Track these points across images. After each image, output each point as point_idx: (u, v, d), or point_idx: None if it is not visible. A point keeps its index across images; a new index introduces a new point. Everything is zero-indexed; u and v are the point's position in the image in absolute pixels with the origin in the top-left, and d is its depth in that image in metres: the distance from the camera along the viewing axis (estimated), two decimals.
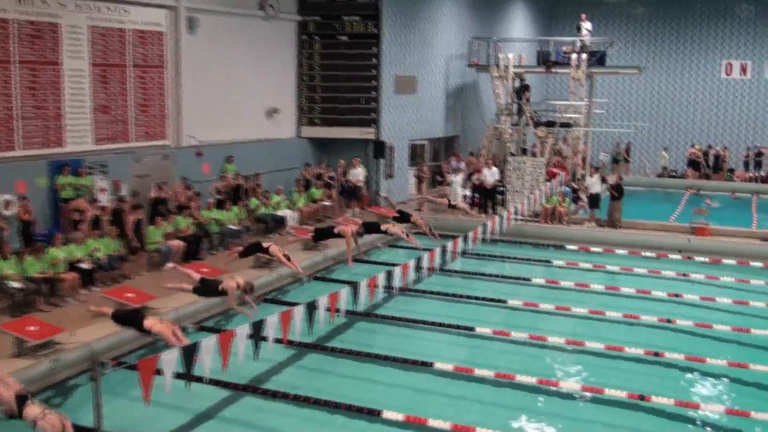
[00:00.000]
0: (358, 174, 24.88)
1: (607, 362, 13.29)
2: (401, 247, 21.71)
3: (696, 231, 23.02)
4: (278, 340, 11.11)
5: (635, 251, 21.30)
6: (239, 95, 23.09)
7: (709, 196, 31.45)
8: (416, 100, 28.67)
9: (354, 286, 13.01)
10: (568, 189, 26.13)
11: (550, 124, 29.19)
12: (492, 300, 16.53)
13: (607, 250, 21.52)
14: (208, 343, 9.71)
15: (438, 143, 31.86)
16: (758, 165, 35.39)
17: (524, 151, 29.54)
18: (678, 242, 21.88)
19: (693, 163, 35.81)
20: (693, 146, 36.53)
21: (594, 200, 24.62)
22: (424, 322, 14.84)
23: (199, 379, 10.35)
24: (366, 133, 26.09)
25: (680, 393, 11.87)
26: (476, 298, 16.64)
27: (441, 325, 14.70)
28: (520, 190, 25.24)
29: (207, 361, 9.62)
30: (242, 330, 10.31)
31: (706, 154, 35.77)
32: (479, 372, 12.23)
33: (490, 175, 25.34)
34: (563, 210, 24.30)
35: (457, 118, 32.50)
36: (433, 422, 10.37)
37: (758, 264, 20.09)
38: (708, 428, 10.93)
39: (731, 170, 36.12)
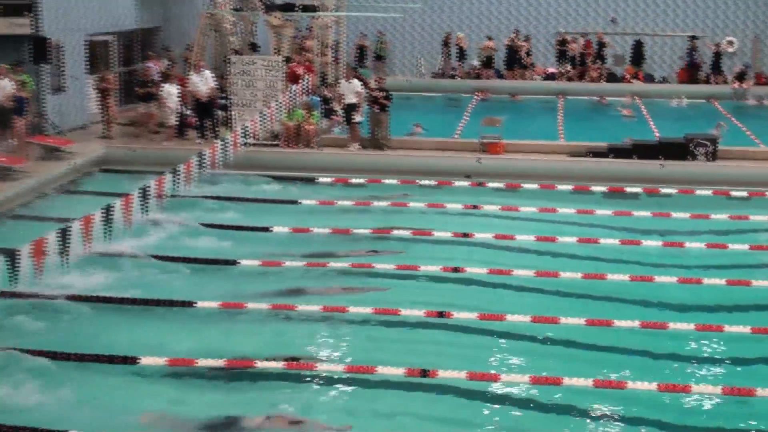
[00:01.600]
0: (4, 87, 23.44)
1: (378, 331, 13.79)
2: (84, 192, 21.04)
3: (487, 148, 24.42)
4: None
5: (409, 180, 22.21)
6: None
7: (491, 98, 33.90)
8: None
9: (11, 254, 12.38)
10: (316, 99, 26.49)
11: (288, 7, 29.27)
12: (216, 261, 16.51)
13: (372, 181, 22.28)
14: None
15: (131, 39, 30.96)
16: (563, 56, 38.01)
17: (254, 48, 29.47)
18: (465, 164, 23.16)
19: (488, 60, 37.81)
20: (489, 39, 38.37)
21: (352, 112, 25.24)
22: (109, 300, 14.60)
23: None
24: (18, 25, 24.66)
25: (474, 363, 12.56)
26: (194, 260, 16.54)
27: (134, 302, 14.49)
28: (250, 102, 25.23)
29: None
30: None
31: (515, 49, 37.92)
32: (203, 363, 12.29)
33: (201, 83, 25.01)
34: (311, 128, 24.65)
35: (156, 3, 31.69)
36: None
37: (566, 187, 21.86)
38: (508, 403, 11.65)
39: (530, 65, 38.39)
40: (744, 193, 21.65)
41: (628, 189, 21.76)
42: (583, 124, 29.94)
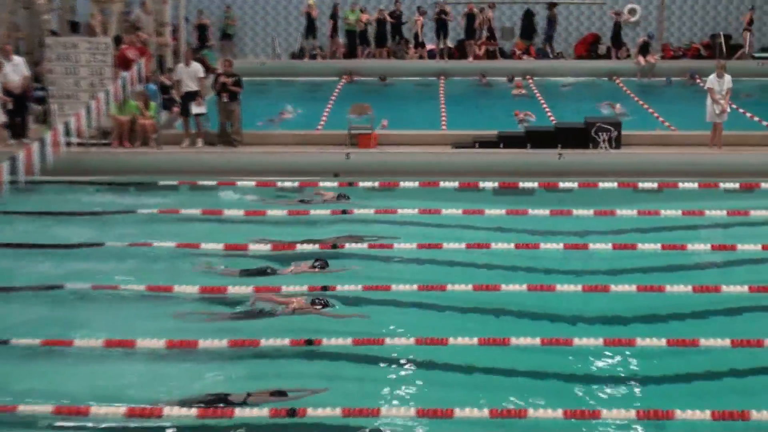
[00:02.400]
0: None
1: (234, 366, 13.65)
2: None
3: (357, 140, 24.55)
4: None
5: (267, 182, 22.11)
6: None
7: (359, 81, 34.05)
8: None
9: None
10: (153, 87, 26.20)
11: None
12: (36, 288, 16.23)
13: (224, 183, 22.13)
14: None
15: None
16: (443, 28, 37.82)
17: (75, 27, 29.01)
18: (331, 161, 23.25)
19: (351, 35, 37.99)
20: (361, 11, 38.36)
21: (191, 102, 24.97)
22: None
23: None
24: None
25: (351, 397, 12.45)
26: (8, 289, 16.28)
27: None
28: (73, 94, 24.80)
29: None
30: None
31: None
32: (24, 408, 12.13)
33: (12, 72, 24.43)
34: (148, 122, 24.42)
35: None
36: None
37: (451, 184, 22.01)
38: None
39: (401, 40, 38.48)
40: (653, 185, 22.10)
41: (523, 184, 21.97)
42: (469, 109, 30.37)
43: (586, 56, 38.47)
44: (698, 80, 33.75)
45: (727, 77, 24.53)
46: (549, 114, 28.79)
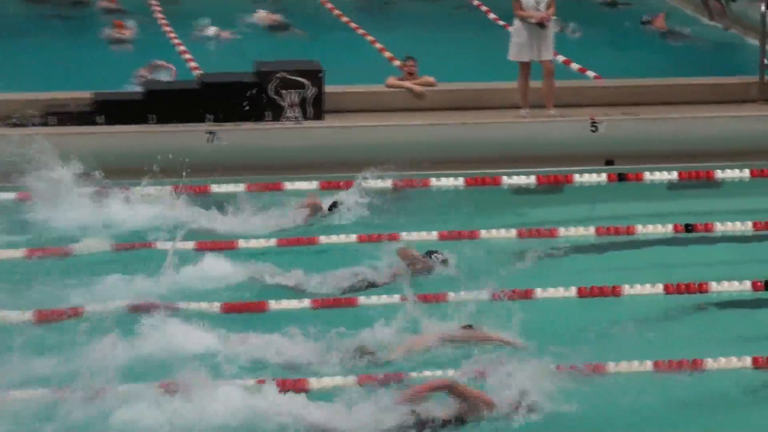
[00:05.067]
0: None
1: None
2: None
3: None
4: None
5: None
6: None
7: None
8: None
9: None
10: None
11: None
12: None
13: None
14: None
15: None
16: None
17: None
18: None
19: None
20: None
21: None
22: None
23: None
24: None
25: None
26: None
27: None
28: None
29: None
30: None
31: None
32: None
33: None
34: None
35: None
36: None
37: (6, 195, 20.87)
38: None
39: None
40: (385, 184, 21.10)
41: (145, 190, 20.21)
42: (39, 51, 29.20)
43: None
44: None
45: None
46: (188, 59, 27.00)
